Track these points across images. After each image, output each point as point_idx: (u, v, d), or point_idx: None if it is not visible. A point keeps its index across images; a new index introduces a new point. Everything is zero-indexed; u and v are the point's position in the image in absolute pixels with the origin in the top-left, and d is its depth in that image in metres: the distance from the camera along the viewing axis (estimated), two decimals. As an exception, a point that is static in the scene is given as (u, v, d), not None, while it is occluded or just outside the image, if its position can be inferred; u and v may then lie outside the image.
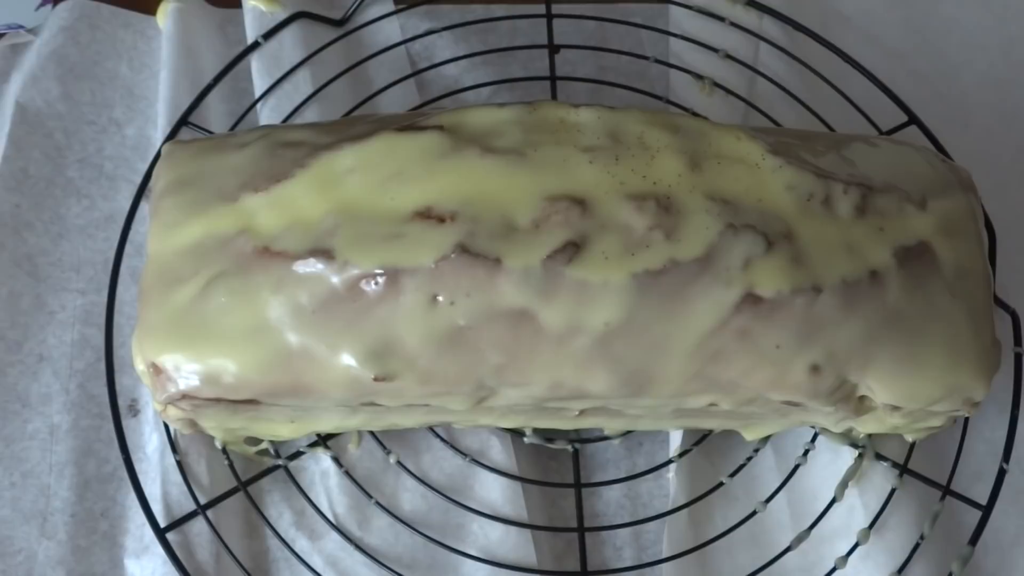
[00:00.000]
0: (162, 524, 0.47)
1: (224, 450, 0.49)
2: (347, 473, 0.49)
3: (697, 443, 0.50)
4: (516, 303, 0.40)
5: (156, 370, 0.42)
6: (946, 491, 0.48)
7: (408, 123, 0.44)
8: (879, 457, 0.48)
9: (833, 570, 0.47)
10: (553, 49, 0.59)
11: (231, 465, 0.48)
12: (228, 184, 0.44)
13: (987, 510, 0.48)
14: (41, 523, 0.48)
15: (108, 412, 0.49)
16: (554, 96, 0.58)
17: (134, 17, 0.61)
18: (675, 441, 0.50)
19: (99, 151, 0.58)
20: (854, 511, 0.48)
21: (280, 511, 0.49)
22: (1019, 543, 0.49)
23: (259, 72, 0.58)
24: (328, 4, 0.62)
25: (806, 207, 0.42)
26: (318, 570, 0.47)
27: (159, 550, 0.47)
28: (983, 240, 0.45)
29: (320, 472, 0.50)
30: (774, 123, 0.57)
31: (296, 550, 0.48)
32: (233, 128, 0.57)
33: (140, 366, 0.43)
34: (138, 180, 0.55)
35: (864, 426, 0.46)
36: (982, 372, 0.43)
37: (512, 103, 0.44)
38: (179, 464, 0.48)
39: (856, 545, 0.47)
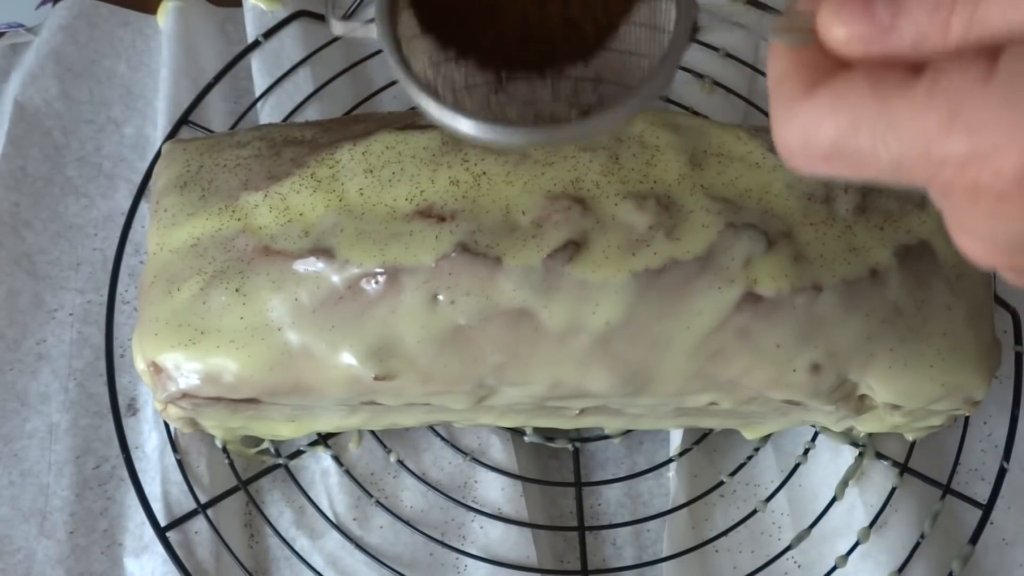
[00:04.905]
0: (162, 523, 0.47)
1: (224, 449, 0.48)
2: (347, 472, 0.49)
3: (697, 442, 0.50)
4: (516, 302, 0.40)
5: (156, 369, 0.42)
6: (946, 490, 0.48)
7: (408, 122, 0.44)
8: (879, 456, 0.48)
9: (833, 569, 0.47)
10: (553, 48, 0.59)
11: (231, 464, 0.48)
12: (228, 183, 0.43)
13: (987, 509, 0.48)
14: (40, 522, 0.48)
15: (107, 411, 0.49)
16: (554, 95, 0.58)
17: (133, 16, 0.61)
18: (675, 440, 0.50)
19: (97, 150, 0.58)
20: (854, 510, 0.48)
21: (280, 510, 0.49)
22: (1019, 542, 0.49)
23: (259, 71, 0.58)
24: (329, 3, 0.62)
25: (807, 206, 0.42)
26: (318, 569, 0.47)
27: (159, 549, 0.47)
28: (984, 239, 0.45)
29: (320, 471, 0.50)
30: (774, 122, 0.57)
31: (296, 549, 0.48)
32: (234, 127, 0.57)
33: (140, 365, 0.43)
34: (136, 179, 0.55)
35: (864, 425, 0.46)
36: (982, 371, 0.42)
37: (512, 102, 0.44)
38: (179, 463, 0.48)
39: (856, 544, 0.47)
